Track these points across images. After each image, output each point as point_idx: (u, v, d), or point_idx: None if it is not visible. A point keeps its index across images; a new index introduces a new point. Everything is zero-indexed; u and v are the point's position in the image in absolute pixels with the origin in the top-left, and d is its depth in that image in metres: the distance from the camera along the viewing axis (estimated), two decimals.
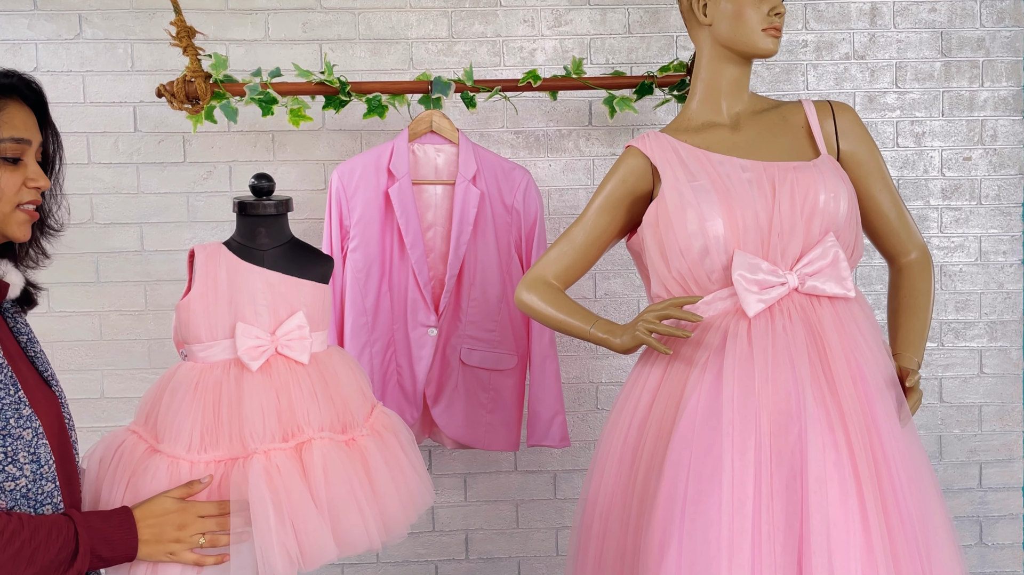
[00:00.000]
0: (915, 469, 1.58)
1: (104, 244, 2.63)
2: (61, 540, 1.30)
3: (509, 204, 2.39)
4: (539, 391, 2.43)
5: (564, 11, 2.66)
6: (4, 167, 1.32)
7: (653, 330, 1.68)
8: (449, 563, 2.75)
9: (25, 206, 1.35)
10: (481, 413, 2.41)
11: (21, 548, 1.26)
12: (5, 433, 1.28)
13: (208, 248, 1.66)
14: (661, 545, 1.54)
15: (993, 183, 2.76)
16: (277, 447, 1.57)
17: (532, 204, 2.40)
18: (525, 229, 2.40)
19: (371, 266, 2.33)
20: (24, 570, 1.27)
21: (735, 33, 1.77)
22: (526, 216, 2.40)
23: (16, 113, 1.34)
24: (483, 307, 2.39)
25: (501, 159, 2.41)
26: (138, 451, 1.56)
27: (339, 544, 1.56)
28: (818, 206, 1.68)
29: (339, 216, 2.35)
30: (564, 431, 2.45)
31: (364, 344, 2.35)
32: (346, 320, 2.35)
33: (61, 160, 1.46)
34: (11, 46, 2.57)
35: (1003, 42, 2.73)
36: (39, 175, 1.37)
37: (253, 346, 1.60)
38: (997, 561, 2.83)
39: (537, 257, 2.38)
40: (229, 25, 2.60)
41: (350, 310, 2.34)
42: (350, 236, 2.34)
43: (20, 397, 1.32)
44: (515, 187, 2.39)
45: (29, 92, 1.39)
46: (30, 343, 1.44)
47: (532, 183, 2.40)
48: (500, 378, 2.42)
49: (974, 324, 2.78)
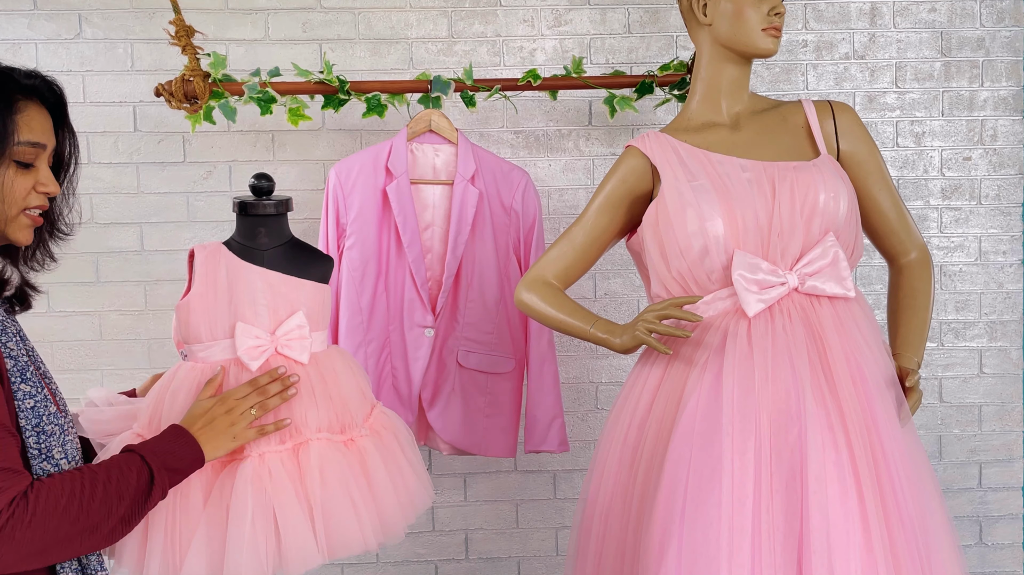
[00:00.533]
0: (915, 469, 1.58)
1: (104, 244, 2.63)
2: (135, 468, 1.35)
3: (508, 205, 2.38)
4: (537, 395, 2.41)
5: (564, 11, 2.66)
6: (17, 171, 1.33)
7: (653, 330, 1.68)
8: (449, 563, 2.75)
9: (31, 211, 1.36)
10: (478, 417, 2.39)
11: (107, 490, 1.31)
12: (39, 430, 1.31)
13: (208, 248, 1.66)
14: (661, 545, 1.54)
15: (993, 183, 2.76)
16: (273, 450, 1.56)
17: (531, 205, 2.39)
18: (524, 230, 2.39)
19: (367, 264, 2.32)
20: (118, 507, 1.32)
21: (735, 33, 1.77)
22: (525, 217, 2.38)
23: (35, 116, 1.34)
24: (481, 309, 2.37)
25: (500, 160, 2.40)
26: None
27: (333, 546, 1.56)
28: (818, 206, 1.68)
29: (336, 213, 2.33)
30: (563, 435, 2.43)
31: (359, 344, 2.33)
32: (341, 319, 2.33)
33: (76, 163, 1.47)
34: (11, 46, 2.56)
35: (1003, 42, 2.73)
36: (50, 180, 1.37)
37: (253, 346, 1.60)
38: (997, 561, 2.83)
39: (535, 259, 2.37)
40: (229, 25, 2.60)
41: (345, 309, 2.32)
42: (346, 234, 2.33)
43: (46, 395, 1.34)
44: (514, 188, 2.38)
45: (50, 94, 1.39)
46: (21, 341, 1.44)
47: (531, 184, 2.39)
48: (498, 381, 2.41)
49: (974, 324, 2.78)
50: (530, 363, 2.42)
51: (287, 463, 1.56)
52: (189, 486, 1.52)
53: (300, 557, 1.52)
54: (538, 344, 2.41)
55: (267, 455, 1.55)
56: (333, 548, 1.56)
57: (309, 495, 1.55)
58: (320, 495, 1.55)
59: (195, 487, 1.52)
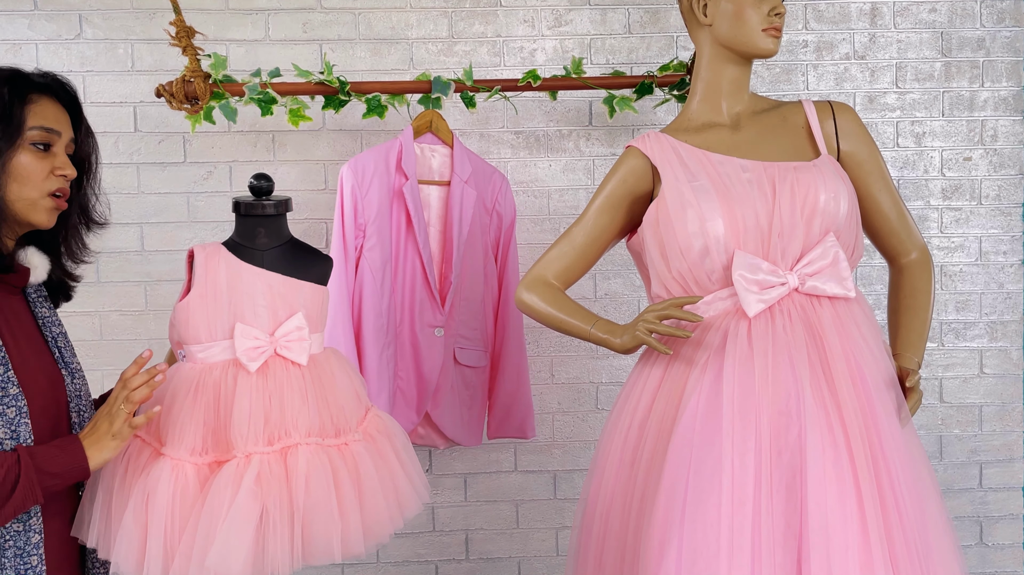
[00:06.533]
0: (914, 469, 1.58)
1: (104, 244, 2.60)
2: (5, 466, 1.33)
3: (490, 207, 2.40)
4: (510, 384, 2.46)
5: (564, 11, 2.66)
6: (34, 154, 1.41)
7: (653, 330, 1.68)
8: (449, 563, 2.75)
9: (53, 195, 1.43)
10: (463, 409, 2.44)
11: None
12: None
13: (207, 248, 1.66)
14: (661, 545, 1.54)
15: (993, 183, 2.76)
16: (260, 451, 1.56)
17: (510, 206, 2.44)
18: (504, 231, 2.42)
19: (386, 265, 2.31)
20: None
21: (735, 33, 1.77)
22: (505, 218, 2.42)
23: (48, 107, 1.44)
24: (470, 307, 2.40)
25: (482, 161, 2.42)
26: (144, 456, 1.56)
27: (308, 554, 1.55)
28: (818, 206, 1.68)
29: (353, 212, 2.29)
30: (531, 421, 2.49)
31: (384, 347, 2.31)
32: (364, 322, 2.30)
33: (98, 160, 1.55)
34: (11, 46, 2.57)
35: (1003, 42, 2.73)
36: (66, 164, 1.44)
37: (252, 347, 1.60)
38: (997, 561, 2.83)
39: (511, 259, 2.40)
40: (229, 25, 2.60)
41: (369, 311, 2.29)
42: (366, 234, 2.29)
43: (9, 377, 1.37)
44: (495, 190, 2.41)
45: (63, 93, 1.48)
46: (45, 326, 1.50)
47: (508, 185, 2.44)
48: (479, 374, 2.46)
49: (974, 324, 2.78)
50: (504, 355, 2.46)
51: (274, 466, 1.56)
52: (187, 488, 1.52)
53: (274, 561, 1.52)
54: (516, 335, 2.46)
55: (253, 456, 1.55)
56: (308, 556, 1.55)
57: (293, 500, 1.54)
58: (303, 502, 1.54)
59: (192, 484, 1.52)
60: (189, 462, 1.55)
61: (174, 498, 1.51)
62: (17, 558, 1.39)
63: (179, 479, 1.53)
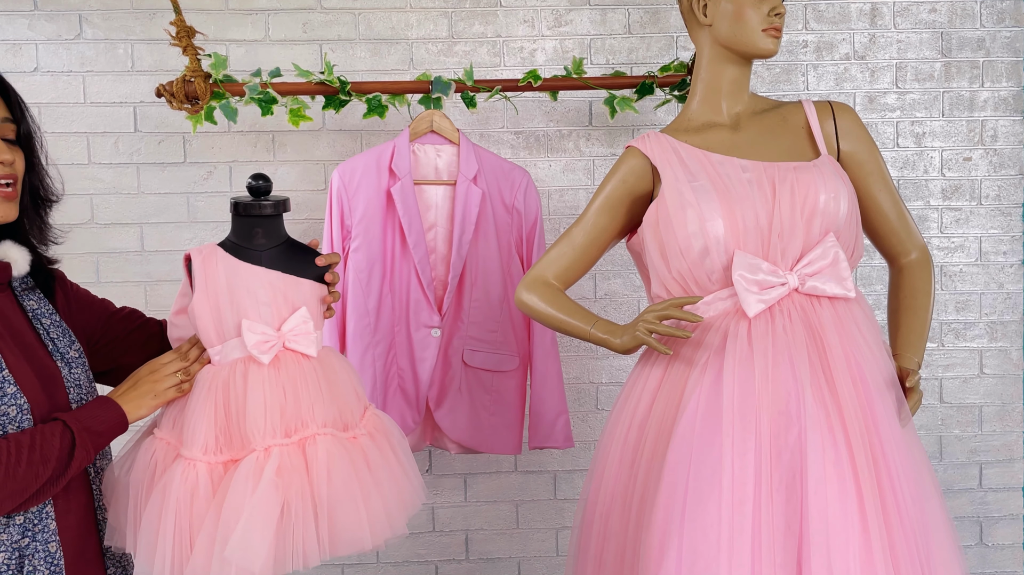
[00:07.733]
0: (915, 469, 1.58)
1: (104, 244, 2.63)
2: (58, 433, 1.39)
3: (510, 204, 2.39)
4: (542, 391, 2.42)
5: (564, 11, 2.66)
6: None
7: (653, 330, 1.68)
8: (449, 563, 2.75)
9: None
10: (484, 415, 2.40)
11: (31, 455, 1.35)
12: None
13: (203, 251, 1.65)
14: (661, 545, 1.54)
15: (993, 183, 2.76)
16: (278, 443, 1.56)
17: (533, 204, 2.40)
18: (526, 229, 2.40)
19: (373, 266, 2.32)
20: (43, 470, 1.36)
21: (735, 33, 1.77)
22: (527, 216, 2.39)
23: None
24: (485, 308, 2.38)
25: (500, 159, 2.41)
26: (168, 458, 1.58)
27: (336, 544, 1.56)
28: (818, 206, 1.68)
29: (340, 215, 2.33)
30: (568, 431, 2.44)
31: (367, 346, 2.33)
32: (348, 322, 2.33)
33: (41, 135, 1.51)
34: (11, 46, 2.57)
35: (1003, 42, 2.73)
36: (2, 150, 1.41)
37: (260, 340, 1.60)
38: (997, 561, 2.83)
39: (538, 257, 2.38)
40: (229, 25, 2.60)
41: (352, 312, 2.32)
42: (352, 236, 2.33)
43: (5, 376, 1.38)
44: (515, 187, 2.38)
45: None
46: (36, 318, 1.48)
47: (532, 183, 2.40)
48: (502, 379, 2.41)
49: (974, 324, 2.78)
50: (534, 360, 2.43)
51: (293, 458, 1.56)
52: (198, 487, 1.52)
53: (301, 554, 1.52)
54: (541, 341, 2.42)
55: (272, 449, 1.55)
56: (336, 546, 1.56)
57: (315, 492, 1.55)
58: (326, 493, 1.55)
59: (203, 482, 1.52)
60: (202, 461, 1.55)
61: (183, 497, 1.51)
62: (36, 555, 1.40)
63: (189, 478, 1.53)
